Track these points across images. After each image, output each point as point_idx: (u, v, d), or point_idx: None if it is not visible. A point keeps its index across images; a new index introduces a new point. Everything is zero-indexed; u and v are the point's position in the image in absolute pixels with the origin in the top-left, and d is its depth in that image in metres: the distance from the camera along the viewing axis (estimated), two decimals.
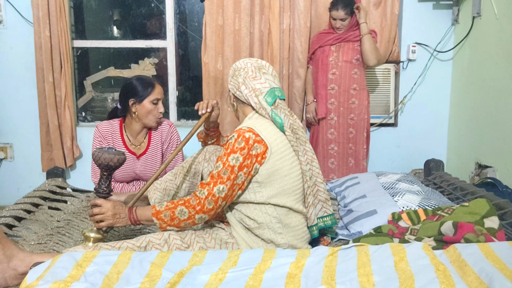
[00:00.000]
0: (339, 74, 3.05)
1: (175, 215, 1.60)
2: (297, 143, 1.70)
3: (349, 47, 3.04)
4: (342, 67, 3.04)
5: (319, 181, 1.76)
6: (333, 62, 3.05)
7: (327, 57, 3.06)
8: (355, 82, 3.05)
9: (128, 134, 2.38)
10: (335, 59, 3.05)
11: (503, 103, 2.74)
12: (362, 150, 3.12)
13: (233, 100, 1.79)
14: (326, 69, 3.07)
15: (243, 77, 1.72)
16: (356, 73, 3.05)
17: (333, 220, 1.79)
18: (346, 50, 3.03)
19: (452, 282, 1.14)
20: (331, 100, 3.09)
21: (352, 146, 3.12)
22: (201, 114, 1.88)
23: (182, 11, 3.56)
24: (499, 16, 2.78)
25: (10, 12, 3.36)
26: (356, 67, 3.04)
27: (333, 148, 3.12)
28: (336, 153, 3.13)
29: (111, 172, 1.72)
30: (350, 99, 3.07)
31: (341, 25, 3.00)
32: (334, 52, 3.05)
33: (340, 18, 2.97)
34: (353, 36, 3.01)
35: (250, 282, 1.25)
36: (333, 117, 3.11)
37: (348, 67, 3.03)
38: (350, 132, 3.11)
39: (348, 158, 3.14)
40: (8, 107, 3.48)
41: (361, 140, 3.11)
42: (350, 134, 3.11)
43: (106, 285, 1.24)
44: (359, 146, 3.11)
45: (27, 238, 1.87)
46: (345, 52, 3.03)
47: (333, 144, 3.12)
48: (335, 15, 2.98)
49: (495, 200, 2.00)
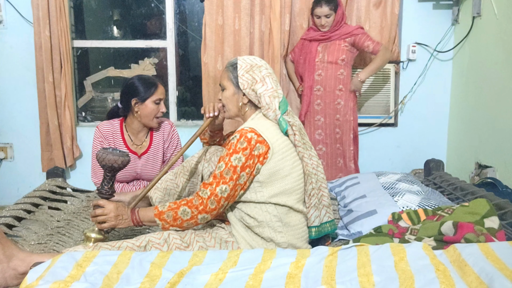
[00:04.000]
0: (324, 75, 3.04)
1: (177, 216, 1.60)
2: (304, 147, 1.70)
3: (334, 48, 3.00)
4: (327, 68, 3.02)
5: (324, 186, 1.77)
6: (319, 62, 3.04)
7: (314, 58, 3.05)
8: (341, 82, 3.03)
9: (129, 133, 2.38)
10: (321, 60, 3.03)
11: (503, 103, 2.74)
12: (349, 151, 3.09)
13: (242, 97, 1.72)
14: (313, 70, 3.05)
15: (264, 74, 1.69)
16: (342, 73, 3.02)
17: (332, 227, 1.79)
18: (331, 51, 3.00)
19: (452, 282, 1.14)
20: (318, 101, 3.08)
21: (340, 147, 3.11)
22: (207, 117, 1.85)
23: (182, 11, 3.56)
24: (499, 16, 2.78)
25: (10, 12, 3.35)
26: (342, 68, 3.02)
27: (321, 148, 3.11)
28: (325, 154, 3.12)
29: (115, 173, 1.72)
30: (336, 100, 3.04)
31: (325, 22, 2.96)
32: (320, 53, 3.03)
33: (325, 15, 2.94)
34: (338, 35, 2.99)
35: (250, 282, 1.25)
36: (320, 118, 3.09)
37: (334, 68, 3.01)
38: (337, 133, 3.09)
39: (337, 158, 3.13)
40: (8, 107, 3.48)
41: (348, 142, 3.09)
42: (337, 134, 3.09)
43: (106, 285, 1.24)
44: (345, 147, 3.09)
45: (27, 238, 1.87)
46: (330, 52, 3.01)
47: (321, 144, 3.12)
48: (319, 12, 2.95)
49: (495, 200, 2.00)
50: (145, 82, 2.29)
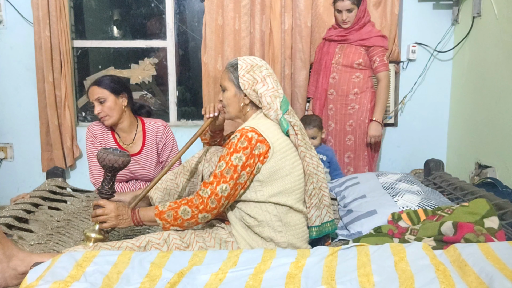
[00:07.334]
0: (338, 79, 2.93)
1: (178, 215, 1.60)
2: (305, 147, 1.70)
3: (351, 50, 2.89)
4: (342, 71, 2.91)
5: (324, 186, 1.78)
6: (334, 64, 2.93)
7: (330, 59, 2.95)
8: (356, 86, 2.91)
9: (119, 132, 2.37)
10: (337, 62, 2.93)
11: (503, 103, 2.74)
12: (362, 156, 2.96)
13: (243, 98, 1.72)
14: (329, 72, 2.96)
15: (265, 75, 1.69)
16: (358, 76, 2.90)
17: (333, 227, 1.80)
18: (347, 53, 2.89)
19: (452, 282, 1.14)
20: (330, 105, 3.00)
21: (351, 154, 2.98)
22: (208, 118, 1.84)
23: (182, 11, 3.56)
24: (499, 16, 2.78)
25: (10, 12, 3.36)
26: (358, 71, 2.90)
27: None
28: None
29: (115, 173, 1.72)
30: (349, 104, 2.94)
31: (347, 17, 2.81)
32: (337, 54, 2.93)
33: (347, 9, 2.79)
34: (357, 39, 2.86)
35: (250, 282, 1.25)
36: (331, 123, 3.01)
37: (349, 71, 2.90)
38: (347, 140, 2.97)
39: (347, 167, 3.01)
40: (8, 107, 3.48)
41: (362, 146, 2.94)
42: (348, 141, 2.97)
43: (106, 285, 1.24)
44: (359, 152, 2.96)
45: (27, 238, 1.87)
46: (346, 55, 2.89)
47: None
48: (340, 6, 2.80)
49: (495, 200, 2.00)
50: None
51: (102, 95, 2.24)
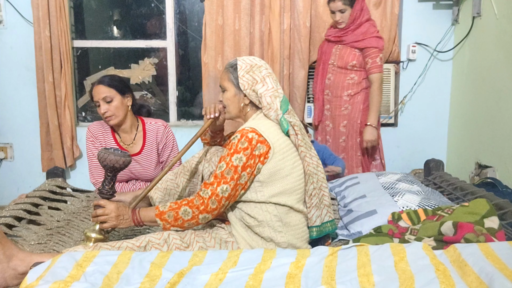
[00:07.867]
0: (332, 80, 2.94)
1: (178, 216, 1.60)
2: (306, 147, 1.70)
3: (345, 51, 2.86)
4: (336, 73, 2.91)
5: (324, 186, 1.78)
6: (331, 65, 2.93)
7: (328, 60, 2.95)
8: (350, 87, 2.89)
9: (119, 132, 2.37)
10: (332, 63, 2.92)
11: (503, 103, 2.74)
12: (356, 157, 2.96)
13: (243, 98, 1.71)
14: (325, 72, 2.97)
15: (264, 75, 1.69)
16: (352, 78, 2.88)
17: (333, 226, 1.80)
18: (342, 55, 2.87)
19: (452, 282, 1.14)
20: (327, 106, 3.00)
21: (345, 156, 2.98)
22: (209, 119, 1.84)
23: (182, 11, 3.56)
24: (499, 16, 2.78)
25: (10, 12, 3.36)
26: (353, 73, 2.87)
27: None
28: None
29: (116, 173, 1.72)
30: (342, 105, 2.93)
31: (340, 17, 2.79)
32: (333, 55, 2.91)
33: (339, 10, 2.76)
34: (352, 40, 2.83)
35: (250, 282, 1.25)
36: (329, 123, 3.02)
37: (343, 73, 2.88)
38: (341, 141, 2.97)
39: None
40: (8, 107, 3.48)
41: (354, 147, 2.94)
42: (342, 143, 2.97)
43: (106, 285, 1.24)
44: (352, 152, 2.96)
45: (27, 238, 1.87)
46: (340, 56, 2.87)
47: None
48: (333, 7, 2.79)
49: (495, 200, 2.00)
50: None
51: (109, 94, 2.23)
